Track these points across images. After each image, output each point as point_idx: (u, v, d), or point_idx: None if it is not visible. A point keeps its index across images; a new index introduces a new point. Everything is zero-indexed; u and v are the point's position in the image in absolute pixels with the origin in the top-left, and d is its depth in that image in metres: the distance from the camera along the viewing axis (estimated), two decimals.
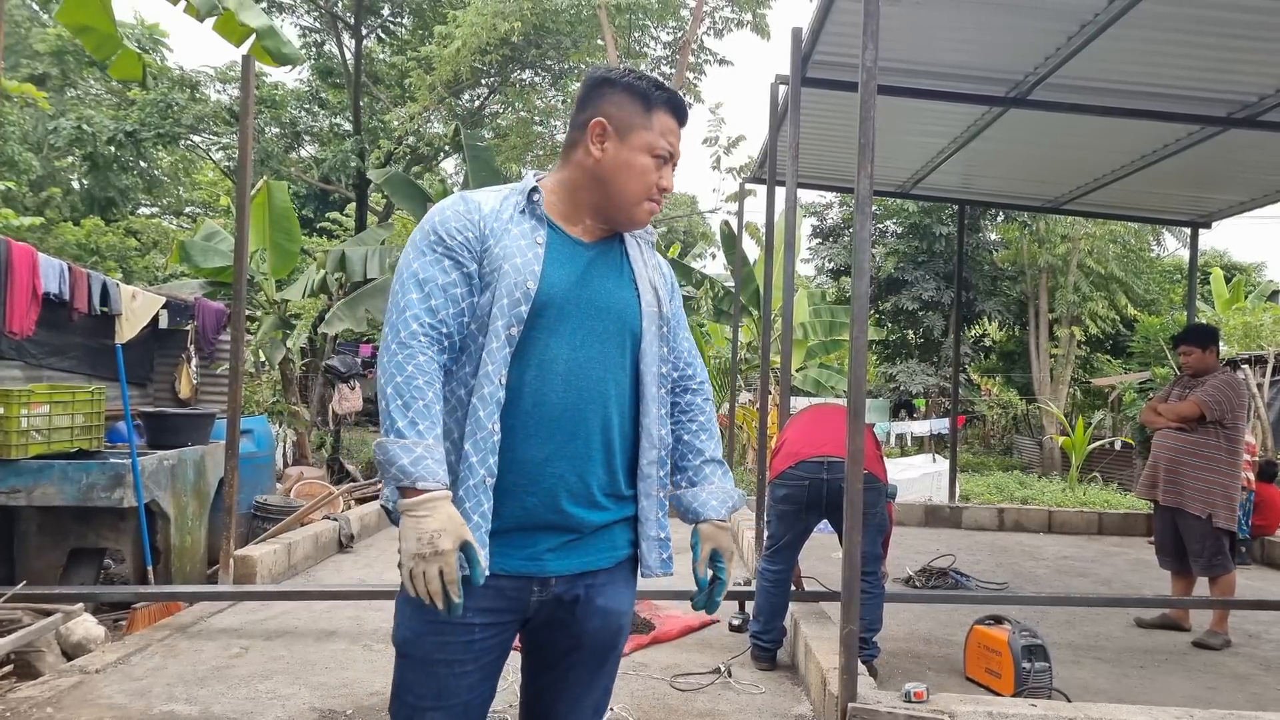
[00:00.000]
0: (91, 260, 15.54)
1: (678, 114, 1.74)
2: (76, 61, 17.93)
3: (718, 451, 1.85)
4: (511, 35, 12.24)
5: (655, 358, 1.75)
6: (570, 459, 1.63)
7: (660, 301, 1.78)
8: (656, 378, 1.75)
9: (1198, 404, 4.82)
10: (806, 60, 4.88)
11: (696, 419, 1.85)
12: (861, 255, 3.10)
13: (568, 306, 1.65)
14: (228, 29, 5.26)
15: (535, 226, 1.68)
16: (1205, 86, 5.01)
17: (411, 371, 1.55)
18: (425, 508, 1.47)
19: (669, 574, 1.78)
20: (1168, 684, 4.13)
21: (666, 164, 1.73)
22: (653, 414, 1.74)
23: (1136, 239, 16.69)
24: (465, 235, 1.64)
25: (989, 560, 6.91)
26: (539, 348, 1.63)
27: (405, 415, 1.51)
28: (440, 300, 1.60)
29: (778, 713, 3.52)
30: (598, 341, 1.67)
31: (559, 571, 1.65)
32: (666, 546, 1.78)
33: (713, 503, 1.79)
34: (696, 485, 1.81)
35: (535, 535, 1.64)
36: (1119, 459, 13.81)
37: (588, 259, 1.71)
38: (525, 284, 1.61)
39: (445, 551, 1.46)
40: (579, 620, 1.69)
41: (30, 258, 5.65)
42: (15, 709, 3.22)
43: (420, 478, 1.48)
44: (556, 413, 1.63)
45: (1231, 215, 7.68)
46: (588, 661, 1.74)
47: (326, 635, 4.36)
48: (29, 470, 4.71)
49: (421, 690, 1.62)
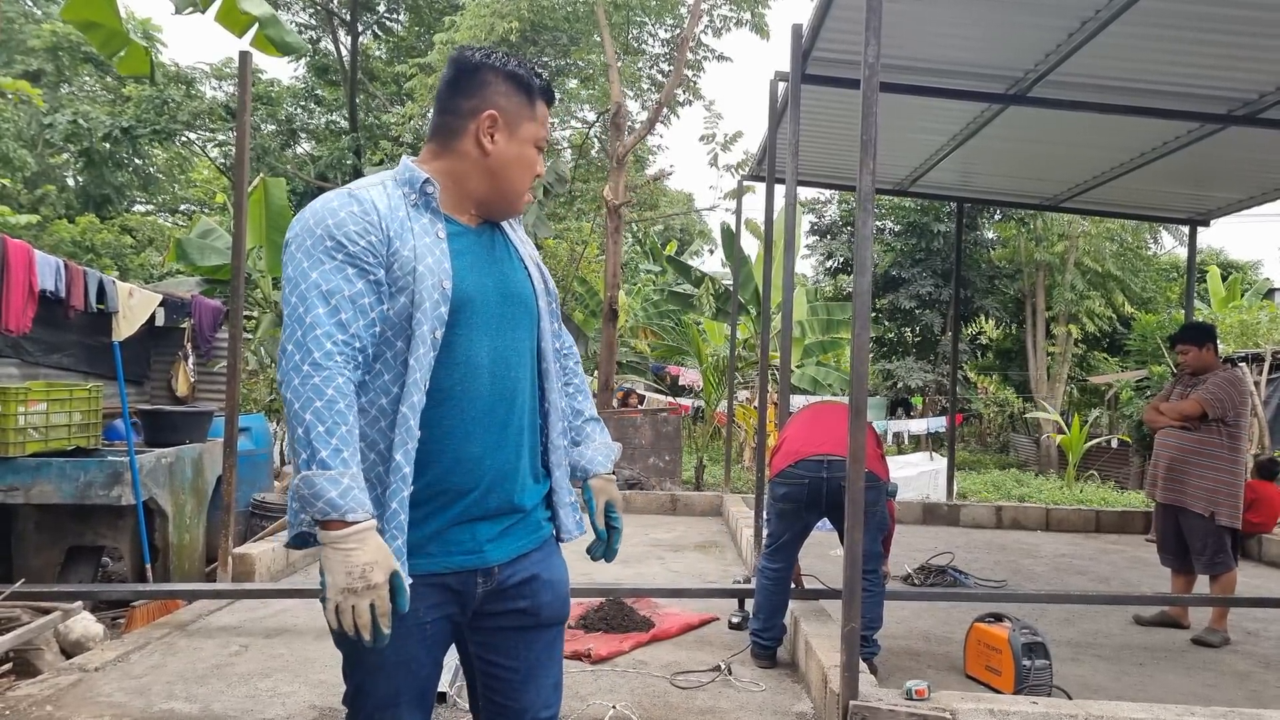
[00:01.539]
0: (87, 258, 15.49)
1: (550, 100, 1.76)
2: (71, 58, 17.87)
3: (594, 410, 1.95)
4: (510, 35, 12.22)
5: (551, 334, 1.80)
6: (504, 449, 1.66)
7: (546, 278, 1.81)
8: (553, 352, 1.81)
9: (1200, 402, 4.82)
10: (806, 57, 4.87)
11: (572, 381, 1.91)
12: (864, 253, 3.09)
13: (479, 299, 1.64)
14: (230, 19, 5.24)
15: (433, 221, 1.63)
16: (1206, 84, 5.01)
17: (331, 395, 1.46)
18: (354, 540, 1.42)
19: (582, 534, 1.85)
20: (1167, 681, 4.13)
21: (542, 152, 1.76)
22: (556, 388, 1.80)
23: (1134, 237, 16.72)
24: (368, 239, 1.54)
25: (987, 558, 6.91)
26: (462, 345, 1.61)
27: (328, 443, 1.43)
28: (350, 313, 1.51)
29: (778, 710, 3.51)
30: (510, 329, 1.69)
31: (500, 559, 1.67)
32: (575, 510, 1.84)
33: (599, 458, 1.89)
34: (581, 444, 1.89)
35: (474, 526, 1.64)
36: (1116, 457, 13.84)
37: (484, 248, 1.71)
38: (441, 284, 1.57)
39: (377, 585, 1.42)
40: (533, 596, 1.72)
41: (26, 255, 5.62)
42: (15, 707, 3.20)
43: (349, 509, 1.42)
44: (488, 406, 1.64)
45: (1231, 213, 7.69)
46: (544, 634, 1.77)
47: (325, 633, 4.32)
48: (27, 468, 4.69)
49: (384, 691, 1.63)
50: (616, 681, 3.74)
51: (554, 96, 1.79)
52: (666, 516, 8.60)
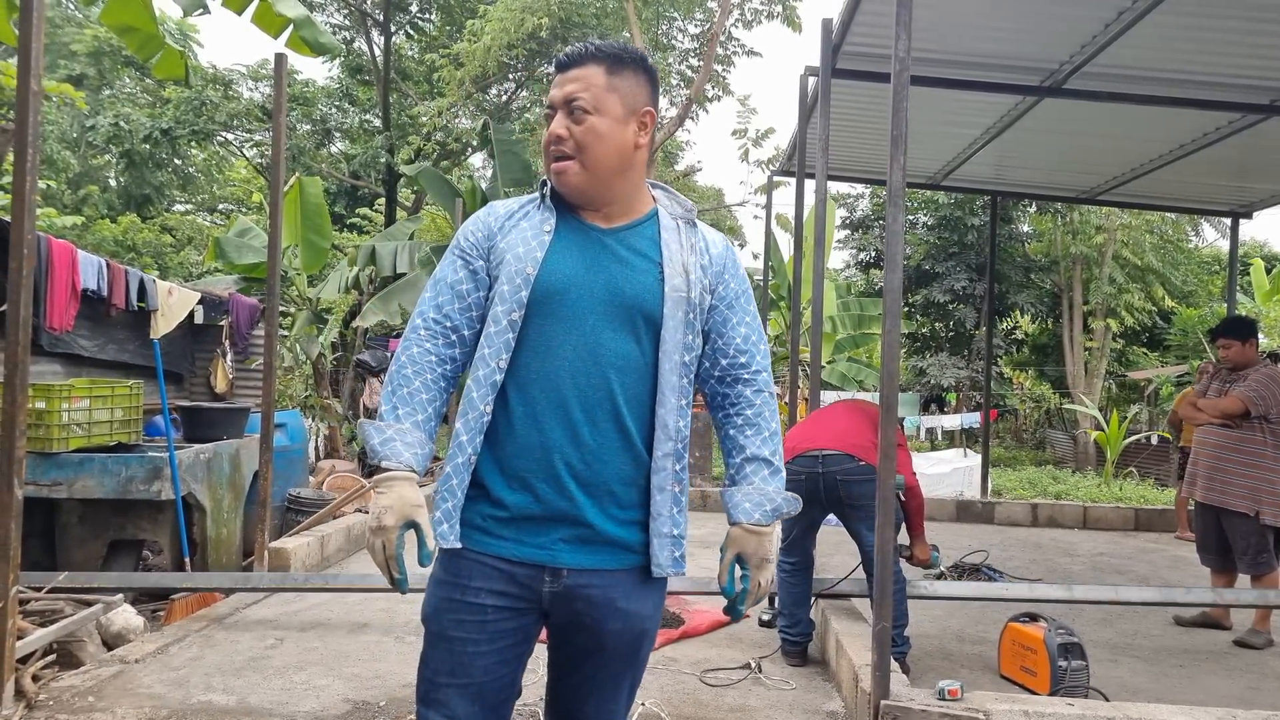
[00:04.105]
0: (128, 257, 15.82)
1: (557, 66, 1.74)
2: (113, 62, 18.23)
3: (764, 448, 1.71)
4: (539, 30, 12.26)
5: (677, 345, 1.67)
6: (579, 447, 1.63)
7: (690, 286, 1.68)
8: (678, 367, 1.67)
9: (1242, 400, 4.71)
10: (837, 51, 4.83)
11: (743, 412, 1.74)
12: (894, 248, 3.06)
13: (573, 292, 1.65)
14: (265, 20, 5.32)
15: (545, 218, 1.72)
16: (1247, 73, 4.89)
17: (404, 361, 1.68)
18: (384, 485, 1.59)
19: (680, 573, 1.72)
20: (1208, 683, 4.05)
21: (555, 114, 1.71)
22: (669, 404, 1.66)
23: (1174, 229, 16.36)
24: (476, 236, 1.74)
25: (1022, 556, 6.82)
26: (545, 334, 1.65)
27: (390, 400, 1.65)
28: (447, 297, 1.71)
29: (809, 709, 3.50)
30: (608, 328, 1.65)
31: (571, 564, 1.64)
32: (680, 544, 1.71)
33: (745, 505, 1.68)
34: (736, 484, 1.72)
35: (549, 525, 1.64)
36: (1155, 454, 13.57)
37: (602, 244, 1.70)
38: (525, 270, 1.65)
39: (387, 528, 1.57)
40: (600, 620, 1.66)
41: (70, 254, 5.74)
42: (58, 698, 3.29)
43: (385, 457, 1.59)
44: (563, 399, 1.63)
45: (1274, 205, 7.51)
46: (611, 664, 1.72)
47: (359, 627, 4.41)
48: (70, 463, 4.80)
49: (438, 664, 1.67)
50: (646, 678, 3.72)
51: (568, 57, 1.72)
52: (697, 513, 8.57)
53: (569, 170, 1.67)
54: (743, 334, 1.77)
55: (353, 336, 12.09)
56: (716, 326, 1.75)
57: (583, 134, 1.65)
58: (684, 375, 1.69)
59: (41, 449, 4.71)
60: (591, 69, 1.68)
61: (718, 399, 1.78)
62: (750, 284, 1.86)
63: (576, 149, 1.65)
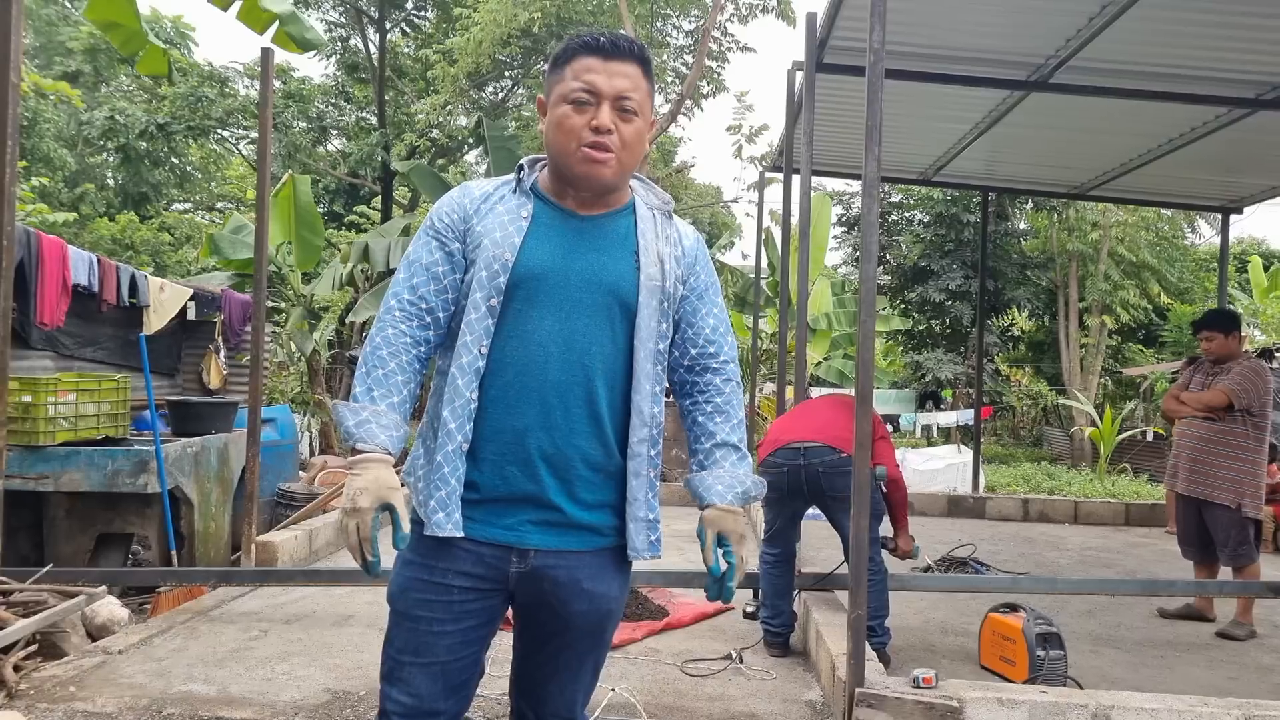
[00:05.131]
0: (126, 255, 15.85)
1: (594, 50, 1.64)
2: (109, 59, 18.24)
3: (733, 435, 1.75)
4: (532, 26, 12.27)
5: (652, 333, 1.69)
6: (550, 430, 1.64)
7: (665, 275, 1.71)
8: (652, 354, 1.70)
9: (1226, 392, 4.71)
10: (822, 46, 4.84)
11: (713, 400, 1.77)
12: (869, 238, 3.08)
13: (550, 278, 1.65)
14: (251, 17, 5.34)
15: (522, 203, 1.71)
16: (1233, 67, 4.90)
17: (378, 342, 1.66)
18: (359, 467, 1.57)
19: (656, 557, 1.75)
20: (1189, 674, 4.07)
21: (593, 105, 1.62)
22: (644, 390, 1.69)
23: (1170, 226, 16.36)
24: (452, 218, 1.72)
25: (1011, 550, 6.84)
26: (521, 320, 1.65)
27: (365, 382, 1.64)
28: (422, 278, 1.69)
29: (788, 698, 3.52)
30: (585, 314, 1.66)
31: (539, 545, 1.66)
32: (655, 528, 1.74)
33: (718, 488, 1.71)
34: (706, 469, 1.75)
35: (517, 507, 1.66)
36: (1150, 449, 13.59)
37: (579, 231, 1.70)
38: (503, 256, 1.65)
39: (361, 509, 1.55)
40: (565, 601, 1.69)
41: (60, 250, 5.76)
42: (39, 687, 3.30)
43: (360, 439, 1.58)
44: (538, 384, 1.64)
45: (1263, 200, 7.52)
46: (576, 644, 1.75)
47: (344, 619, 4.42)
48: (57, 456, 4.82)
49: (402, 643, 1.70)
50: (626, 668, 3.76)
51: (601, 44, 1.65)
52: (687, 507, 8.57)
53: (609, 163, 1.64)
54: (711, 324, 1.80)
55: (349, 333, 12.11)
56: (687, 316, 1.78)
57: (630, 135, 1.65)
58: (658, 362, 1.72)
59: (28, 442, 4.74)
60: (635, 68, 1.66)
61: (686, 387, 1.81)
62: (743, 280, 1.89)
63: (620, 146, 1.64)
